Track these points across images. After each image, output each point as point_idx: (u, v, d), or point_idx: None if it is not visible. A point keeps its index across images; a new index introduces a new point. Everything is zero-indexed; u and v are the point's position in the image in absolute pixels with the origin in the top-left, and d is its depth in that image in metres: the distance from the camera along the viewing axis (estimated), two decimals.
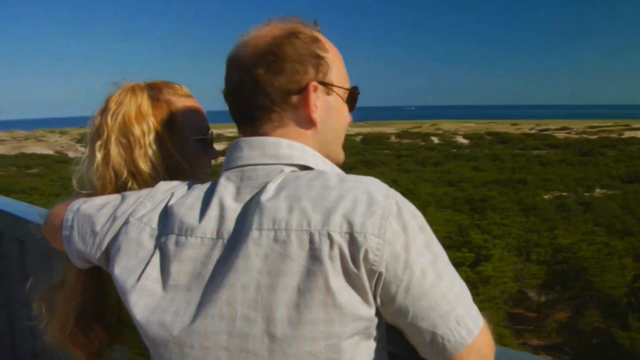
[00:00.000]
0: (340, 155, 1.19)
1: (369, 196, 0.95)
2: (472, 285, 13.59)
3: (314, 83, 1.07)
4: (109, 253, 1.12)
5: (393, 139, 66.48)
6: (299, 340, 0.92)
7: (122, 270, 1.06)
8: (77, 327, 1.32)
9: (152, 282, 1.03)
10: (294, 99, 1.07)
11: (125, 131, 1.22)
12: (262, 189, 1.01)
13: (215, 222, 1.01)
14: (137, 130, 1.22)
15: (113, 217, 1.12)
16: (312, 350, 0.93)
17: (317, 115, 1.09)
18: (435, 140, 63.26)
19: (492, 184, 28.30)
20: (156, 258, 1.04)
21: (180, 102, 1.32)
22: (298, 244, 0.93)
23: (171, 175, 1.23)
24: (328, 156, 1.13)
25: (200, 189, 1.08)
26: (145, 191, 1.14)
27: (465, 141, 60.47)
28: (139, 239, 1.07)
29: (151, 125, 1.24)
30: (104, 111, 1.25)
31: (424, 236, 0.96)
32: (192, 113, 1.35)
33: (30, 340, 2.84)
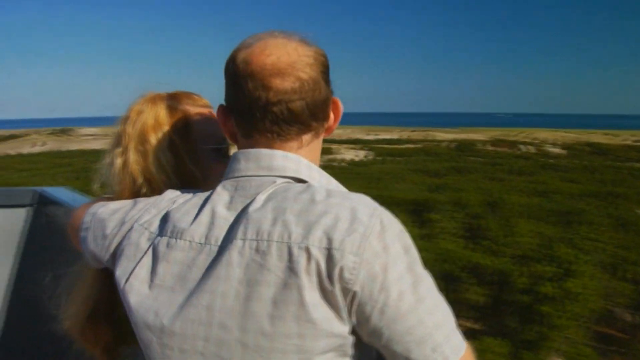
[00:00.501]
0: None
1: (352, 214, 0.94)
2: (557, 302, 13.06)
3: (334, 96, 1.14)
4: (115, 256, 1.15)
5: (485, 146, 64.84)
6: (271, 352, 0.93)
7: (121, 272, 1.10)
8: (88, 324, 1.37)
9: (139, 281, 1.06)
10: (328, 110, 1.13)
11: (142, 139, 1.26)
12: (253, 199, 1.02)
13: (205, 227, 1.03)
14: (153, 139, 1.26)
15: (122, 222, 1.15)
16: None
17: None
18: (529, 149, 61.16)
19: (587, 197, 27.07)
20: (147, 259, 1.07)
21: (197, 112, 1.35)
22: (277, 256, 0.93)
23: (184, 183, 1.27)
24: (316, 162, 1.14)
25: (200, 197, 1.10)
26: (153, 198, 1.18)
27: (560, 151, 58.09)
28: (138, 242, 1.10)
29: (167, 134, 1.28)
30: (126, 119, 1.30)
31: (407, 258, 0.95)
32: (208, 123, 1.36)
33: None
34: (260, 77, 1.04)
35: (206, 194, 1.10)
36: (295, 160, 1.08)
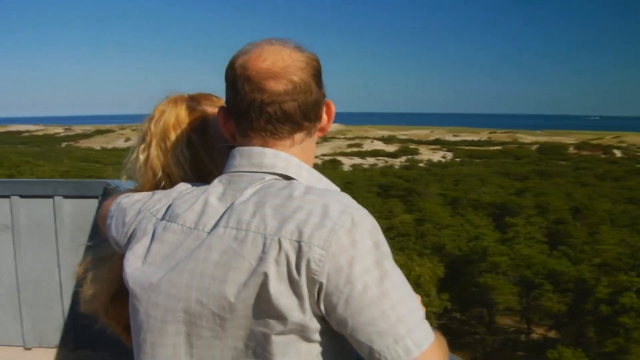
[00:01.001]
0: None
1: (324, 210, 1.01)
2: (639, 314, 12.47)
3: (327, 99, 1.22)
4: (130, 240, 1.26)
5: (571, 149, 62.53)
6: (236, 325, 1.04)
7: (128, 252, 1.21)
8: (112, 304, 1.47)
9: (135, 257, 1.17)
10: (320, 112, 1.21)
11: (164, 137, 1.36)
12: (242, 193, 1.11)
13: (197, 215, 1.12)
14: (173, 137, 1.36)
15: (139, 211, 1.25)
16: (246, 335, 1.04)
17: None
18: (618, 153, 58.40)
19: None
20: (146, 238, 1.18)
21: (215, 113, 1.41)
22: (252, 245, 1.01)
23: (199, 178, 1.35)
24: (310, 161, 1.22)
25: (201, 189, 1.20)
26: (168, 190, 1.28)
27: None
28: (146, 227, 1.20)
29: (185, 132, 1.37)
30: (151, 118, 1.41)
31: (376, 253, 1.00)
32: None
33: None
34: (256, 80, 1.12)
35: (207, 187, 1.19)
36: (285, 159, 1.16)
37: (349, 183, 68.15)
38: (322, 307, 0.99)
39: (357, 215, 1.02)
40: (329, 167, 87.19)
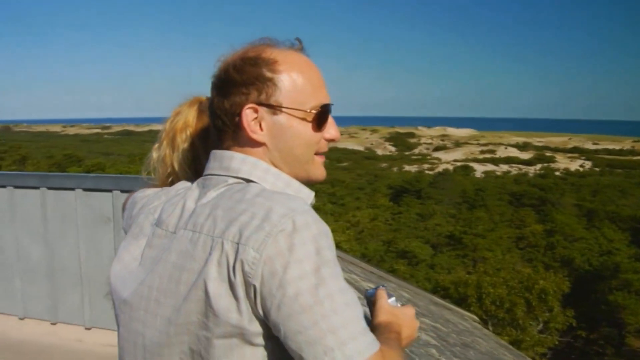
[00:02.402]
0: (314, 174, 1.22)
1: (266, 213, 0.99)
2: None
3: (250, 105, 1.13)
4: (127, 234, 1.30)
5: None
6: (183, 325, 1.04)
7: (123, 243, 1.26)
8: None
9: (130, 257, 1.20)
10: (237, 120, 1.15)
11: (173, 137, 1.41)
12: (205, 195, 1.13)
13: (177, 218, 1.13)
14: (179, 138, 1.41)
15: (143, 205, 1.28)
16: (191, 339, 1.04)
17: (258, 135, 1.15)
18: None
19: None
20: (143, 241, 1.19)
21: None
22: (202, 247, 1.02)
23: (198, 177, 1.36)
24: (297, 174, 1.19)
25: (186, 190, 1.22)
26: (169, 188, 1.30)
27: None
28: (143, 225, 1.22)
29: (190, 135, 1.41)
30: (168, 119, 1.46)
31: (316, 260, 0.96)
32: None
33: None
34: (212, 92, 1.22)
35: (189, 188, 1.22)
36: (252, 163, 1.15)
37: (480, 190, 66.86)
38: (260, 311, 0.97)
39: (300, 219, 0.98)
40: (460, 173, 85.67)
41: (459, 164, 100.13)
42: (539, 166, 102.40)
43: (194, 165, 1.42)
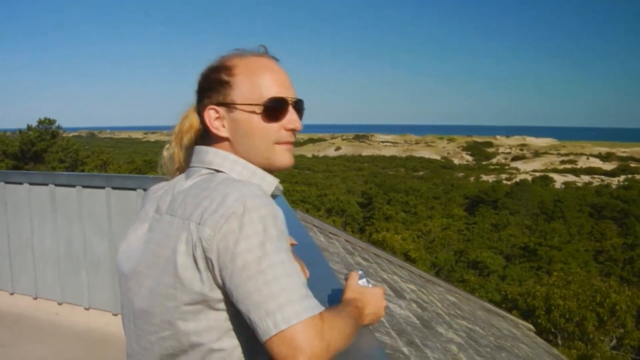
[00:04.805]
0: (276, 161, 1.33)
1: (223, 198, 1.14)
2: None
3: (210, 106, 1.32)
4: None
5: None
6: (159, 295, 1.19)
7: (132, 226, 1.39)
8: None
9: (135, 238, 1.34)
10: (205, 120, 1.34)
11: (180, 138, 1.51)
12: (183, 185, 1.29)
13: (166, 205, 1.28)
14: (184, 139, 1.50)
15: (152, 195, 1.41)
16: (168, 305, 1.18)
17: (221, 132, 1.31)
18: None
19: None
20: (146, 225, 1.33)
21: None
22: (176, 228, 1.17)
23: None
24: (260, 163, 1.33)
25: (177, 180, 1.37)
26: (172, 180, 1.42)
27: None
28: (148, 210, 1.36)
29: (193, 137, 1.50)
30: (179, 121, 1.55)
31: (262, 236, 1.09)
32: None
33: None
34: None
35: (180, 178, 1.37)
36: (222, 156, 1.31)
37: (559, 201, 65.29)
38: (220, 280, 1.12)
39: (250, 203, 1.11)
40: (538, 184, 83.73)
41: (537, 174, 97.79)
42: (622, 177, 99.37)
43: None
